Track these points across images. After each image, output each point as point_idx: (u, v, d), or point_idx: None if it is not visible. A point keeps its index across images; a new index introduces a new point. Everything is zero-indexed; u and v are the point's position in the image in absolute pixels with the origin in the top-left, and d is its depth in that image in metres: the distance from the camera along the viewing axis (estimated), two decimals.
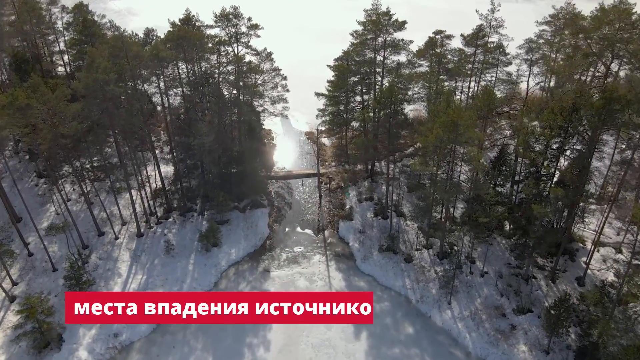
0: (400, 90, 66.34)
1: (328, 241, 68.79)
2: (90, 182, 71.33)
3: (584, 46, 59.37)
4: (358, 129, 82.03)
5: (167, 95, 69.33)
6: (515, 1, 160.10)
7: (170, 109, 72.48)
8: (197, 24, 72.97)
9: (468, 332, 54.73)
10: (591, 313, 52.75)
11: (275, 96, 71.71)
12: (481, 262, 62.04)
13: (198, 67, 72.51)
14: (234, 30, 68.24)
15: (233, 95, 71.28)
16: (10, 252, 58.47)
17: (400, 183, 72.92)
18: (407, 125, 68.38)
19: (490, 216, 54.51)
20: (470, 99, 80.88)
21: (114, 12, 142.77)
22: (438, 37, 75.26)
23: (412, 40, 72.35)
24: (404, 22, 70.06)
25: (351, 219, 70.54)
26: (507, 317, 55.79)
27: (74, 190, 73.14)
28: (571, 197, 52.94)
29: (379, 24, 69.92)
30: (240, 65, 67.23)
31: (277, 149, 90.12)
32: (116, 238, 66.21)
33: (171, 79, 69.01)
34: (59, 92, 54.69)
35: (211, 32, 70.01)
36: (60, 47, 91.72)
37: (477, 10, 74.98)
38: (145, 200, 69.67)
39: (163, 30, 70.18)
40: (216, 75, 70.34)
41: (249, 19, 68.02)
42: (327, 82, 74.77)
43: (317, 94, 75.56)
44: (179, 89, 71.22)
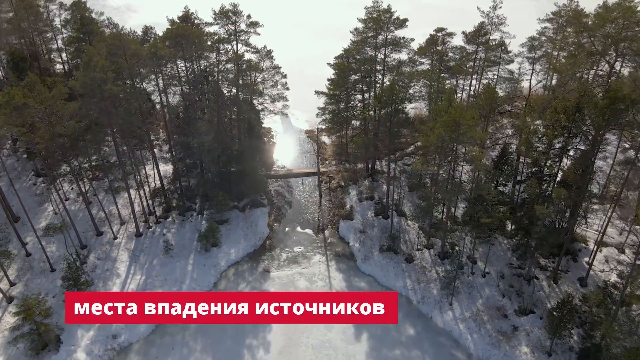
0: (401, 89, 65.68)
1: (328, 241, 68.24)
2: (89, 181, 70.73)
3: (587, 44, 58.60)
4: (358, 128, 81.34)
5: (166, 93, 68.69)
6: None
7: (169, 108, 71.88)
8: (196, 21, 72.35)
9: (470, 333, 54.26)
10: (594, 314, 52.39)
11: (275, 94, 71.28)
12: (483, 262, 61.51)
13: (197, 65, 71.86)
14: (233, 28, 67.74)
15: (232, 93, 70.64)
16: (8, 253, 57.98)
17: (401, 182, 72.32)
18: (408, 124, 67.70)
19: (492, 216, 53.94)
20: (472, 98, 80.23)
21: (113, 9, 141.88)
22: (439, 34, 74.64)
23: (413, 38, 71.59)
24: (405, 20, 69.30)
25: (352, 218, 69.97)
26: (509, 318, 55.31)
27: (72, 189, 72.56)
28: (574, 198, 52.38)
29: (380, 21, 69.16)
30: (239, 64, 66.62)
31: (277, 148, 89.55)
32: (115, 238, 65.68)
33: (170, 77, 68.43)
34: (56, 91, 54.07)
35: (210, 30, 69.50)
36: (58, 45, 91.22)
37: (478, 8, 74.30)
38: (144, 199, 69.11)
39: (162, 27, 69.41)
40: (215, 74, 69.71)
41: (249, 17, 67.51)
42: (328, 80, 74.02)
43: (317, 92, 74.86)
44: (178, 87, 70.66)
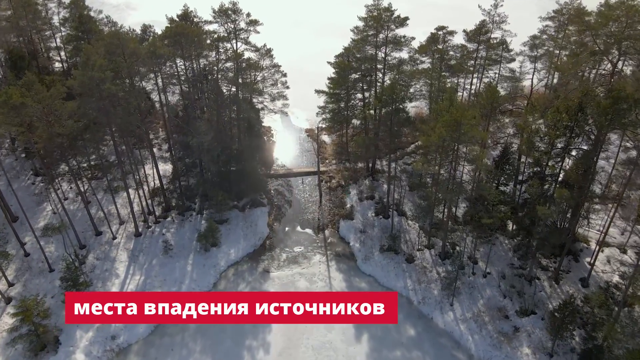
0: (402, 88, 65.18)
1: (328, 241, 67.86)
2: (87, 180, 70.35)
3: (590, 43, 58.07)
4: (359, 127, 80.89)
5: (165, 92, 68.20)
6: None
7: (168, 107, 71.39)
8: (196, 19, 71.74)
9: (471, 334, 53.93)
10: (596, 315, 52.04)
11: (275, 93, 70.90)
12: (484, 262, 61.15)
13: (197, 64, 71.38)
14: (232, 26, 67.31)
15: (232, 92, 70.16)
16: (5, 254, 57.56)
17: (402, 182, 71.91)
18: (408, 123, 67.23)
19: (493, 217, 53.55)
20: (473, 97, 79.78)
21: (112, 6, 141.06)
22: (440, 33, 74.16)
23: (414, 37, 71.06)
24: (406, 19, 68.73)
25: (352, 218, 69.58)
26: (510, 319, 54.97)
27: (71, 188, 72.11)
28: (576, 198, 51.99)
29: (381, 20, 68.63)
30: (239, 62, 66.14)
31: (276, 146, 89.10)
32: (114, 238, 65.29)
33: (169, 75, 67.95)
34: (54, 91, 53.65)
35: (210, 28, 69.00)
36: (57, 43, 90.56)
37: (479, 6, 73.78)
38: (143, 199, 68.74)
39: (162, 25, 68.97)
40: (215, 72, 69.20)
41: (248, 15, 67.06)
42: (328, 79, 73.48)
43: (317, 91, 74.30)
44: (177, 86, 70.19)
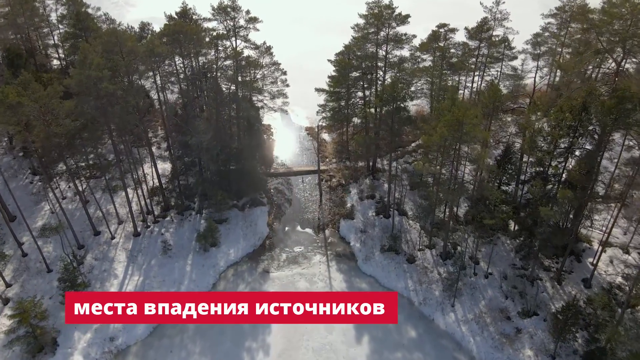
0: (403, 86, 64.45)
1: (329, 241, 67.30)
2: (86, 180, 69.74)
3: (594, 41, 57.31)
4: (359, 125, 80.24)
5: (164, 91, 67.52)
6: None
7: (167, 106, 70.70)
8: (194, 17, 71.16)
9: (472, 335, 53.44)
10: (598, 317, 51.56)
11: (274, 91, 70.34)
12: (485, 262, 60.63)
13: (196, 62, 70.70)
14: (232, 24, 66.77)
15: (231, 90, 69.50)
16: (2, 255, 57.01)
17: (403, 181, 71.30)
18: (409, 122, 66.58)
19: (495, 217, 52.97)
20: (475, 95, 79.16)
21: (111, 2, 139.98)
22: (441, 30, 73.44)
23: (415, 35, 70.33)
24: (407, 16, 67.93)
25: (352, 217, 68.98)
26: (512, 320, 54.48)
27: (69, 188, 71.48)
28: (579, 199, 51.42)
29: (381, 17, 67.85)
30: (238, 60, 65.45)
31: (276, 144, 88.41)
32: (112, 237, 64.75)
33: (168, 73, 67.26)
34: (51, 90, 52.97)
35: (209, 26, 68.34)
36: (54, 41, 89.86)
37: (481, 3, 73.13)
38: (142, 198, 68.24)
39: (161, 22, 68.35)
40: (214, 70, 68.50)
41: (248, 12, 66.50)
42: (328, 77, 72.76)
43: (317, 89, 73.54)
44: (176, 85, 69.48)
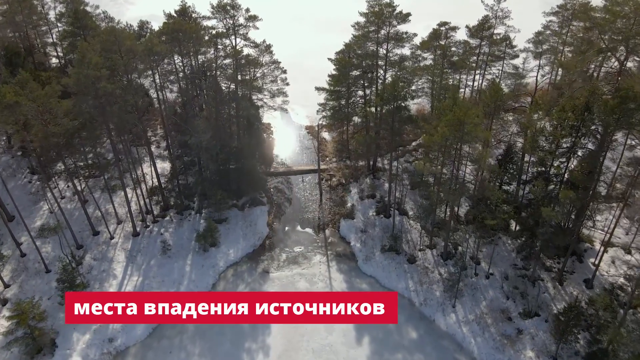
0: (404, 85, 63.95)
1: (329, 240, 66.91)
2: (84, 179, 69.30)
3: (595, 38, 56.69)
4: (360, 124, 79.76)
5: (163, 90, 67.04)
6: None
7: (166, 105, 70.22)
8: (194, 15, 70.58)
9: (473, 337, 53.10)
10: (600, 318, 51.21)
11: (274, 90, 69.89)
12: (486, 263, 60.27)
13: (195, 61, 70.21)
14: (231, 22, 66.21)
15: (231, 89, 69.05)
16: (0, 255, 56.64)
17: (403, 180, 70.88)
18: (410, 122, 66.10)
19: (497, 218, 52.54)
20: (476, 94, 78.66)
21: (110, 0, 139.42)
22: (442, 29, 72.95)
23: (416, 34, 69.81)
24: (408, 14, 67.34)
25: (353, 217, 68.59)
26: (513, 321, 54.14)
27: (68, 187, 71.11)
28: (581, 199, 51.00)
29: (382, 15, 67.29)
30: (238, 59, 64.95)
31: (276, 143, 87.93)
32: (111, 237, 64.40)
33: (167, 71, 66.81)
34: (49, 89, 52.53)
35: (208, 24, 67.87)
36: (53, 39, 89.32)
37: (482, 1, 72.45)
38: (141, 198, 67.85)
39: (160, 19, 67.89)
40: (213, 69, 68.01)
41: (247, 10, 65.95)
42: (328, 76, 72.26)
43: (317, 88, 73.02)
44: (176, 84, 69.03)
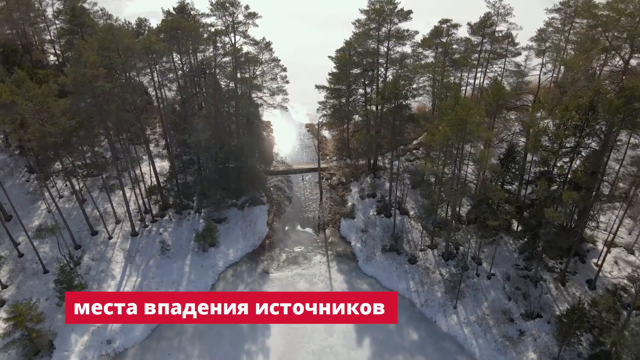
0: (405, 84, 63.29)
1: (329, 240, 66.37)
2: (82, 178, 68.69)
3: (602, 38, 55.87)
4: (360, 123, 79.08)
5: (162, 88, 66.38)
6: None
7: (165, 105, 69.57)
8: (192, 12, 69.90)
9: (475, 338, 52.62)
10: (603, 319, 50.79)
11: (274, 88, 69.16)
12: (488, 263, 59.78)
13: (194, 59, 69.50)
14: (230, 19, 65.48)
15: (230, 87, 68.38)
16: None
17: (404, 179, 70.27)
18: (412, 121, 65.47)
19: (499, 218, 51.96)
20: (477, 92, 77.96)
21: None
22: (444, 26, 72.18)
23: (417, 31, 69.12)
24: (410, 12, 66.67)
25: (353, 217, 68.02)
26: (515, 323, 53.66)
27: (66, 186, 70.48)
28: (585, 200, 50.42)
29: (383, 12, 66.58)
30: (237, 57, 64.24)
31: (276, 142, 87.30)
32: (110, 237, 63.85)
33: (166, 69, 66.12)
34: (46, 88, 51.84)
35: (207, 21, 67.11)
36: (51, 36, 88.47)
37: None
38: (140, 197, 67.29)
39: (159, 16, 67.16)
40: (213, 67, 67.33)
41: (247, 7, 65.19)
42: (329, 74, 71.53)
43: (317, 86, 72.27)
44: (174, 83, 68.37)
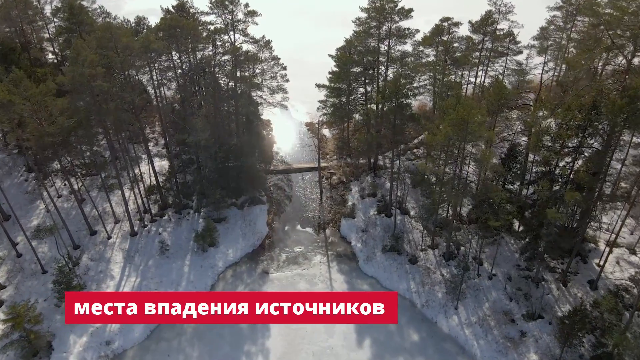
0: (405, 83, 62.84)
1: (329, 240, 66.00)
2: (81, 178, 68.26)
3: (605, 38, 55.40)
4: (361, 122, 78.62)
5: (161, 87, 65.92)
6: None
7: (164, 104, 69.12)
8: (192, 10, 69.46)
9: (476, 339, 52.29)
10: (605, 320, 50.45)
11: (274, 86, 68.70)
12: (489, 263, 59.42)
13: (193, 58, 69.00)
14: (230, 17, 64.94)
15: (230, 86, 67.90)
16: None
17: (405, 179, 69.87)
18: (412, 120, 65.00)
19: (500, 218, 51.59)
20: (479, 91, 77.47)
21: None
22: (445, 24, 71.82)
23: (418, 30, 68.58)
24: (410, 10, 66.16)
25: (353, 216, 67.64)
26: (516, 323, 53.32)
27: (65, 185, 70.11)
28: (587, 201, 50.02)
29: (384, 11, 66.09)
30: (237, 55, 63.76)
31: (276, 141, 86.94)
32: (109, 237, 63.48)
33: (165, 68, 65.65)
34: (43, 87, 51.38)
35: (206, 19, 66.68)
36: (49, 34, 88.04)
37: None
38: (139, 197, 66.89)
39: (158, 14, 66.69)
40: (212, 66, 66.83)
41: (246, 5, 64.62)
42: (329, 73, 71.08)
43: (317, 85, 71.86)
44: (174, 81, 67.90)
